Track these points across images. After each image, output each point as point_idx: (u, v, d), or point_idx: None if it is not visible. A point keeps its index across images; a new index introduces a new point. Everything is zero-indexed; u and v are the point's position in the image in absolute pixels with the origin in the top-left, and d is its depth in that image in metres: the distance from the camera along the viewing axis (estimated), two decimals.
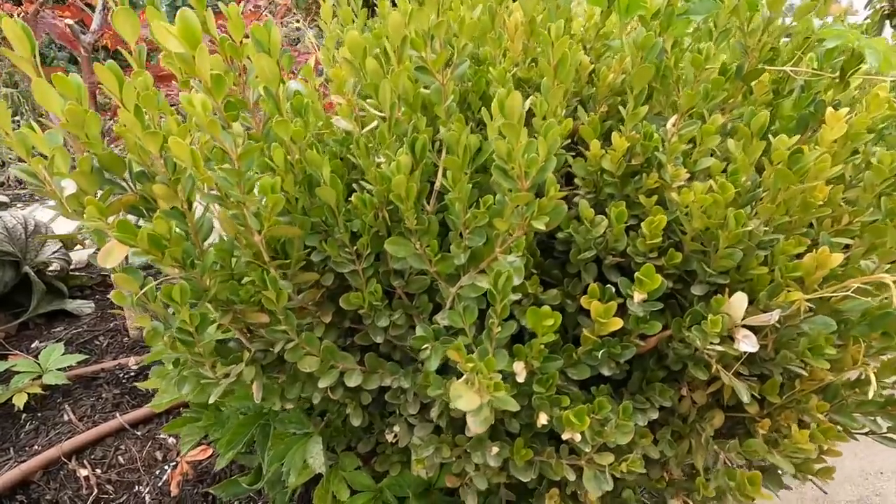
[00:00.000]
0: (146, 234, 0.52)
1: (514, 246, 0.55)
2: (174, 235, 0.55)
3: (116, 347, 1.87)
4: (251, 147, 0.49)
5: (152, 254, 0.54)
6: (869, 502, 1.52)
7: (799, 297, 0.55)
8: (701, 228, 0.59)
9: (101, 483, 1.38)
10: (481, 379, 0.46)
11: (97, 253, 0.55)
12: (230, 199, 0.55)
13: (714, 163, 0.65)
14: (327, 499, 0.98)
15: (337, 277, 0.78)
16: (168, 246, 0.55)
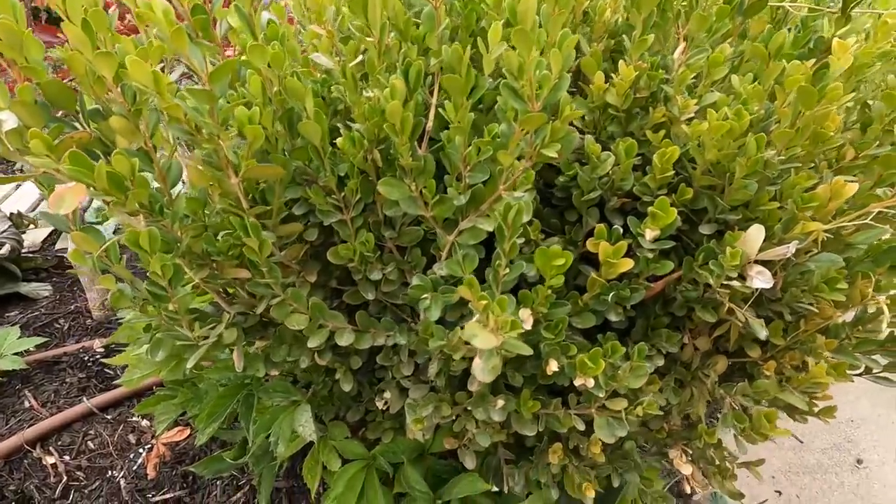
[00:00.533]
0: (104, 171, 0.45)
1: (522, 180, 0.50)
2: (138, 177, 0.49)
3: (79, 330, 1.76)
4: (226, 63, 0.42)
5: (112, 195, 0.47)
6: (842, 448, 1.58)
7: (817, 228, 0.52)
8: (713, 160, 0.56)
9: (71, 470, 1.31)
10: (495, 318, 0.42)
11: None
12: (202, 133, 0.48)
13: (721, 97, 0.62)
14: (317, 470, 0.93)
15: (322, 233, 0.72)
16: (131, 188, 0.48)
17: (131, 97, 0.48)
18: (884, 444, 1.60)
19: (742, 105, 0.56)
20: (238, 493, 1.27)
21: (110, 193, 0.47)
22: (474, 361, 0.53)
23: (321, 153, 0.56)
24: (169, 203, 0.54)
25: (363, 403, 1.01)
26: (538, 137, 0.46)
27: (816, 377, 0.56)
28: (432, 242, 0.70)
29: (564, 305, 0.57)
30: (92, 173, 0.44)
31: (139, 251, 0.48)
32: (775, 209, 0.59)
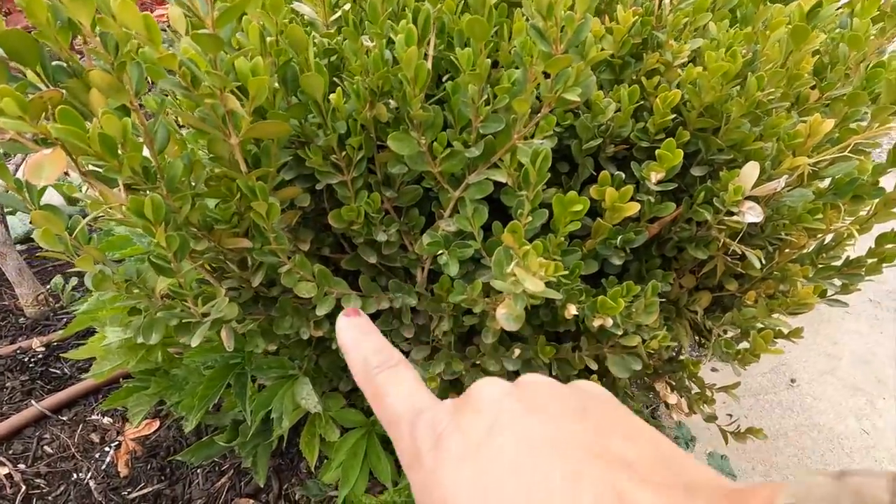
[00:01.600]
0: (97, 133, 0.40)
1: (543, 126, 0.50)
2: (131, 139, 0.44)
3: (12, 330, 1.59)
4: (235, 4, 0.38)
5: (105, 160, 0.42)
6: (778, 371, 1.77)
7: (802, 162, 0.56)
8: (710, 102, 0.58)
9: (29, 478, 1.21)
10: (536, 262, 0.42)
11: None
12: (199, 87, 0.44)
13: (704, 42, 0.64)
14: (314, 442, 0.92)
15: (313, 198, 0.69)
16: (123, 152, 0.43)
17: (113, 48, 0.42)
18: (811, 364, 1.81)
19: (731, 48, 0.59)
20: (223, 478, 1.23)
21: (103, 158, 0.42)
22: (499, 311, 0.53)
23: (322, 109, 0.53)
24: (160, 170, 0.49)
25: None
26: (559, 81, 0.46)
27: (804, 298, 0.61)
28: (430, 202, 0.69)
29: (576, 251, 0.58)
30: (85, 135, 0.39)
31: (142, 221, 0.44)
32: (758, 148, 0.63)
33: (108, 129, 0.41)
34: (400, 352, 0.29)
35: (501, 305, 0.53)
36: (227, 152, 0.53)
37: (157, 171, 0.49)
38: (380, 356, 0.28)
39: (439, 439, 0.22)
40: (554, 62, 0.44)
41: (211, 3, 0.38)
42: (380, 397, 0.26)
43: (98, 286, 0.57)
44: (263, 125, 0.48)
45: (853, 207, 0.69)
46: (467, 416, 0.22)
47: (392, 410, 0.25)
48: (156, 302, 0.61)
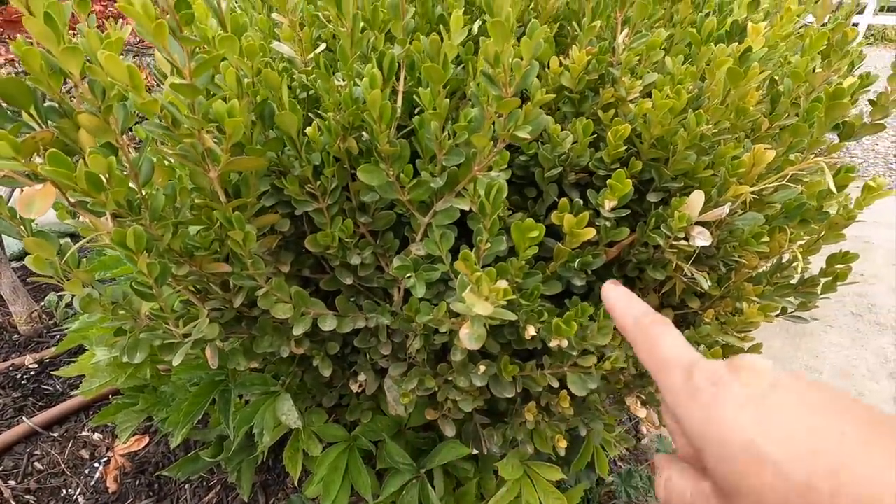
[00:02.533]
0: (83, 172, 0.44)
1: (497, 161, 0.54)
2: (115, 175, 0.48)
3: (5, 347, 1.62)
4: (210, 58, 0.42)
5: (91, 196, 0.46)
6: None
7: (745, 190, 0.61)
8: (659, 135, 0.63)
9: (19, 494, 1.23)
10: (488, 287, 0.46)
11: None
12: (180, 127, 0.48)
13: (659, 77, 0.69)
14: (297, 457, 0.95)
15: (293, 223, 0.73)
16: (108, 187, 0.47)
17: (100, 93, 0.47)
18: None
19: (679, 84, 0.63)
20: (209, 493, 1.25)
21: (89, 194, 0.46)
22: (462, 331, 0.57)
23: (297, 143, 0.57)
24: (144, 201, 0.53)
25: (336, 389, 1.03)
26: (511, 120, 0.51)
27: (750, 318, 0.65)
28: (404, 226, 0.73)
29: (537, 274, 0.62)
30: (72, 174, 0.43)
31: (124, 251, 0.47)
32: (710, 176, 0.67)
33: (95, 167, 0.45)
34: (374, 371, 0.32)
35: (464, 326, 0.57)
36: (207, 183, 0.57)
37: (142, 201, 0.53)
38: (652, 314, 0.32)
39: (719, 385, 0.25)
40: (504, 104, 0.48)
41: (188, 57, 0.42)
42: (655, 345, 0.30)
43: (86, 308, 0.61)
44: (241, 160, 0.52)
45: (801, 230, 0.73)
46: (746, 373, 0.25)
47: (667, 355, 0.29)
48: (140, 323, 0.65)
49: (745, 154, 0.64)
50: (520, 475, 0.88)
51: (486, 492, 1.00)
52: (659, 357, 0.29)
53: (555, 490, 0.90)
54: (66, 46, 0.43)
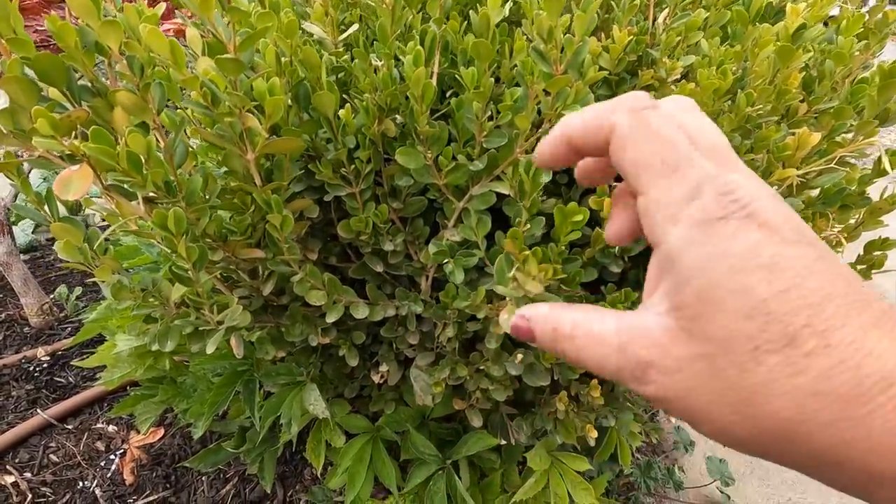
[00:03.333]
0: (124, 151, 0.43)
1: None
2: (154, 156, 0.46)
3: (17, 340, 1.61)
4: (257, 31, 0.40)
5: (131, 176, 0.44)
6: None
7: (791, 174, 0.59)
8: None
9: (35, 486, 1.22)
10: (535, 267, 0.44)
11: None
12: (219, 106, 0.46)
13: (697, 59, 0.67)
14: (320, 449, 0.94)
15: (322, 209, 0.72)
16: (147, 168, 0.46)
17: (139, 69, 0.45)
18: None
19: (722, 65, 0.62)
20: (227, 485, 1.25)
21: (129, 174, 0.44)
22: (501, 316, 0.56)
23: (333, 125, 0.56)
24: (180, 184, 0.51)
25: (357, 380, 1.02)
26: (559, 99, 0.49)
27: None
28: (435, 213, 0.72)
29: (577, 259, 0.61)
30: (114, 154, 0.41)
31: (164, 234, 0.46)
32: (750, 160, 0.65)
33: (135, 147, 0.44)
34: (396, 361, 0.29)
35: (503, 311, 0.56)
36: (242, 167, 0.55)
37: (177, 185, 0.51)
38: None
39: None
40: (554, 82, 0.46)
41: (233, 29, 0.40)
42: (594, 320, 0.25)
43: (116, 295, 0.59)
44: (279, 142, 0.50)
45: (842, 216, 0.72)
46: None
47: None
48: (170, 310, 0.64)
49: (790, 137, 0.62)
50: (548, 466, 0.87)
51: (510, 483, 0.99)
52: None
53: (582, 481, 0.90)
54: (106, 20, 0.41)
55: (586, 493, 0.89)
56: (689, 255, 0.21)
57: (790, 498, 1.38)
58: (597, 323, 0.24)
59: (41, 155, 0.46)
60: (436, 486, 0.87)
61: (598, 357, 0.24)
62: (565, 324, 0.25)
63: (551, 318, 0.26)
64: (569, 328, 0.25)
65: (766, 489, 1.39)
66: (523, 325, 0.28)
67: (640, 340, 0.22)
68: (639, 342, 0.22)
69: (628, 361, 0.23)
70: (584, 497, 0.89)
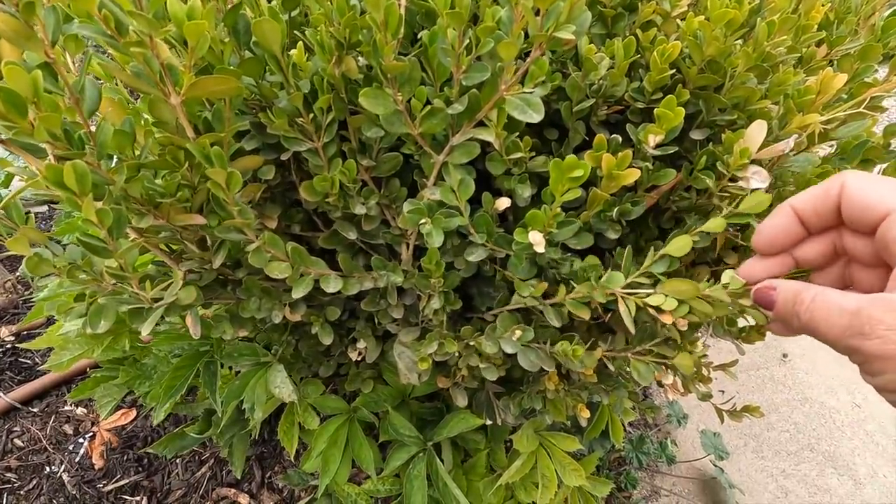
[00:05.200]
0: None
1: (534, 72, 0.44)
2: (45, 97, 0.37)
3: None
4: None
5: (12, 121, 0.36)
6: (770, 346, 1.75)
7: (813, 120, 0.51)
8: (712, 55, 0.53)
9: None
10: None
11: None
12: (126, 34, 0.37)
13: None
14: (293, 431, 0.88)
15: (279, 171, 0.63)
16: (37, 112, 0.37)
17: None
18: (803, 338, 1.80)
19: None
20: (202, 467, 1.19)
21: (7, 119, 0.35)
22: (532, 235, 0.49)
23: (281, 64, 0.47)
24: (90, 135, 0.43)
25: (334, 358, 0.95)
26: (550, 18, 0.40)
27: None
28: (412, 171, 0.63)
29: (573, 223, 0.53)
30: None
31: (64, 192, 0.37)
32: (765, 108, 0.57)
33: (13, 83, 0.35)
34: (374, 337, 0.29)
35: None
36: (170, 116, 0.46)
37: (87, 135, 0.43)
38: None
39: None
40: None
41: None
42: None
43: (34, 270, 0.51)
44: (208, 80, 0.41)
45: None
46: None
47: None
48: (105, 287, 0.55)
49: (811, 79, 0.54)
50: (535, 447, 0.82)
51: (497, 464, 0.94)
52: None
53: (572, 461, 0.84)
54: None
55: (575, 473, 0.84)
56: None
57: (784, 470, 1.35)
58: (837, 294, 0.31)
59: None
60: (416, 469, 0.82)
61: (829, 319, 0.30)
62: (808, 293, 0.32)
63: (796, 288, 0.33)
64: (811, 295, 0.32)
65: (760, 461, 1.37)
66: (767, 293, 0.35)
67: (879, 304, 0.28)
68: (878, 305, 0.28)
69: (860, 319, 0.28)
70: (573, 478, 0.84)
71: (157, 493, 1.14)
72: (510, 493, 0.93)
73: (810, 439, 1.44)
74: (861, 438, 1.45)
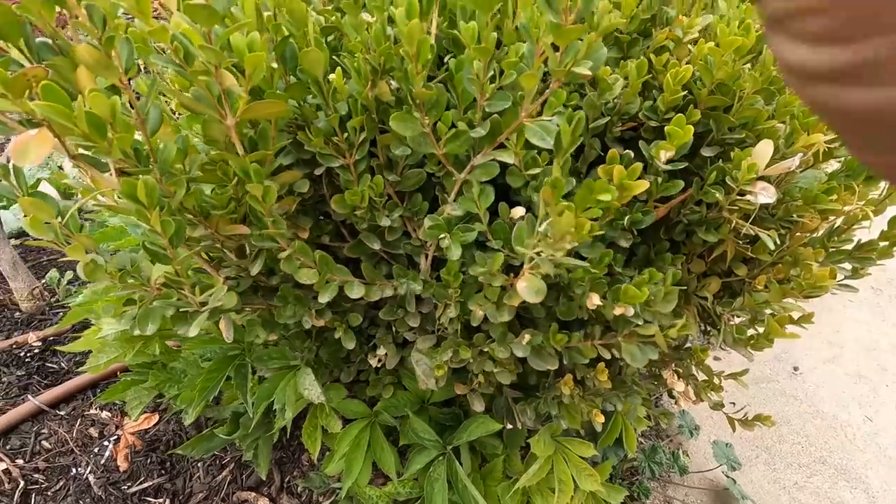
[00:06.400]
0: (83, 112, 0.38)
1: (552, 102, 0.48)
2: (120, 119, 0.42)
3: (7, 325, 1.57)
4: None
5: (93, 141, 0.40)
6: (780, 359, 1.76)
7: (817, 140, 0.55)
8: (722, 79, 0.56)
9: (27, 473, 1.19)
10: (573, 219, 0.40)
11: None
12: (193, 63, 0.42)
13: (715, 17, 0.62)
14: (316, 434, 0.91)
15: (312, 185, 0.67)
16: (113, 133, 0.41)
17: (101, 22, 0.40)
18: (814, 352, 1.80)
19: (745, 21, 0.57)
20: (223, 471, 1.22)
21: (90, 139, 0.40)
22: (519, 285, 0.52)
23: (322, 88, 0.51)
24: (153, 153, 0.47)
25: (354, 364, 0.99)
26: (569, 54, 0.44)
27: (819, 281, 0.60)
28: (434, 188, 0.67)
29: (604, 240, 0.57)
30: (70, 114, 0.37)
31: (136, 206, 0.42)
32: (772, 127, 0.61)
33: (96, 107, 0.39)
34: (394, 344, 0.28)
35: (521, 279, 0.52)
36: (222, 135, 0.51)
37: (150, 153, 0.47)
38: None
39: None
40: (564, 33, 0.42)
41: None
42: None
43: (90, 276, 0.55)
44: (261, 105, 0.46)
45: (866, 189, 0.67)
46: None
47: None
48: (151, 292, 0.60)
49: None
50: (552, 451, 0.84)
51: (512, 469, 0.96)
52: None
53: (587, 466, 0.87)
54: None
55: (591, 478, 0.87)
56: None
57: (796, 482, 1.36)
58: None
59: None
60: (436, 472, 0.84)
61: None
62: None
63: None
64: None
65: (772, 473, 1.37)
66: None
67: None
68: None
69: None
70: (588, 482, 0.86)
71: (179, 496, 1.17)
72: (526, 499, 0.96)
73: (822, 452, 1.44)
74: (873, 452, 1.45)
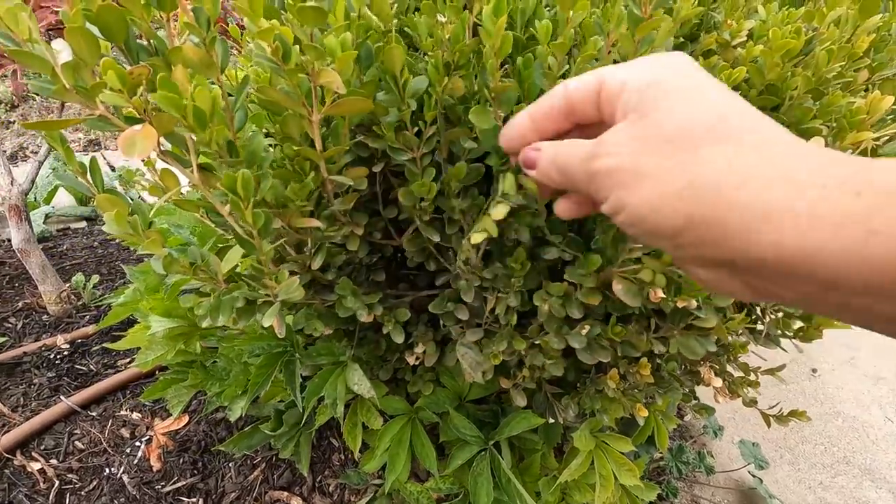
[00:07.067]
0: (191, 105, 0.40)
1: None
2: (218, 112, 0.44)
3: (36, 328, 1.59)
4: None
5: (196, 133, 0.42)
6: (799, 361, 1.77)
7: (866, 136, 0.57)
8: (772, 80, 0.59)
9: (62, 473, 1.20)
10: None
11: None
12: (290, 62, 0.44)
13: (758, 22, 0.65)
14: (357, 431, 0.92)
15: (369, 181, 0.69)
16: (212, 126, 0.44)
17: (206, 23, 0.43)
18: (831, 354, 1.82)
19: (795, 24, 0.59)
20: (255, 471, 1.23)
21: (194, 130, 0.42)
22: (615, 287, 0.54)
23: (398, 83, 0.53)
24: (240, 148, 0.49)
25: (391, 363, 1.00)
26: (644, 46, 0.47)
27: None
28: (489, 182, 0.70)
29: None
30: (182, 105, 0.39)
31: (233, 197, 0.44)
32: (817, 127, 0.63)
33: (201, 101, 0.42)
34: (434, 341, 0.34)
35: (616, 282, 0.54)
36: (300, 131, 0.53)
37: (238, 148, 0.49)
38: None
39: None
40: (644, 26, 0.44)
41: None
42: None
43: (168, 268, 0.57)
44: (348, 101, 0.48)
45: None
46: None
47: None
48: (219, 285, 0.61)
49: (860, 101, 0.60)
50: (593, 446, 0.85)
51: (548, 466, 0.98)
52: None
53: (627, 461, 0.88)
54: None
55: (630, 473, 0.88)
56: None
57: (821, 482, 1.37)
58: (580, 143, 0.33)
59: (101, 114, 0.44)
60: (479, 467, 0.86)
61: (571, 155, 0.33)
62: (563, 146, 0.35)
63: (556, 145, 0.36)
64: (563, 145, 0.35)
65: (797, 473, 1.38)
66: (532, 154, 0.37)
67: (611, 132, 0.30)
68: (610, 133, 0.30)
69: (595, 147, 0.31)
70: (628, 478, 0.87)
71: (212, 495, 1.18)
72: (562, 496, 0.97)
73: (845, 452, 1.45)
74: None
